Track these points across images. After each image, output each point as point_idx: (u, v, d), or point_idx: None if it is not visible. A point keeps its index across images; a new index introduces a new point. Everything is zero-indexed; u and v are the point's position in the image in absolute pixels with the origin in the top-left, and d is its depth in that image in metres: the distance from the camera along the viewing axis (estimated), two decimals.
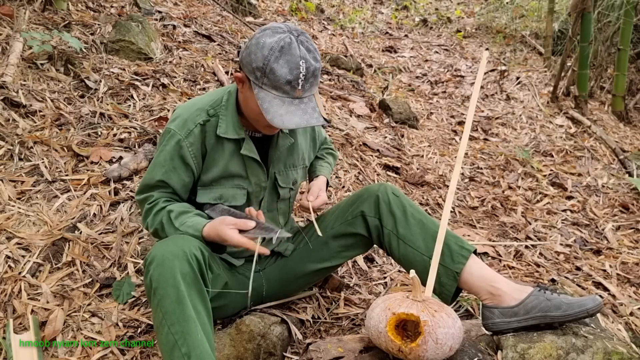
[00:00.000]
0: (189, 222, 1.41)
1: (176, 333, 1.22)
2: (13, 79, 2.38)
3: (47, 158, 2.13)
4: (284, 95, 1.32)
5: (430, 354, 1.28)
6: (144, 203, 1.49)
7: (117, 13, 3.46)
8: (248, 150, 1.49)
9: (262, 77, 1.31)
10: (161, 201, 1.47)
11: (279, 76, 1.29)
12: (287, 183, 1.63)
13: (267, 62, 1.29)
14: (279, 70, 1.28)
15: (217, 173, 1.51)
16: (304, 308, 1.80)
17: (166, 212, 1.43)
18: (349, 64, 4.52)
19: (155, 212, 1.45)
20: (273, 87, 1.31)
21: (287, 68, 1.28)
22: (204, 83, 3.06)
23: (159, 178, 1.46)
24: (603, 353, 1.33)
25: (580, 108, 4.45)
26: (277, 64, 1.28)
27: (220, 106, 1.48)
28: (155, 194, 1.48)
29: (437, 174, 3.14)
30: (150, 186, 1.49)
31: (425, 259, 1.50)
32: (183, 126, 1.45)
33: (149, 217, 1.46)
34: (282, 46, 1.28)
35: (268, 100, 1.31)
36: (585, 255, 2.57)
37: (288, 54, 1.28)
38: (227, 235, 1.34)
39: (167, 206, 1.45)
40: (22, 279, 1.69)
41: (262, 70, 1.30)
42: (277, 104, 1.31)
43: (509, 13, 6.80)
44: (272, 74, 1.29)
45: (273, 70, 1.29)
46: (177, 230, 1.40)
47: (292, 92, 1.31)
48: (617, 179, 3.53)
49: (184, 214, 1.43)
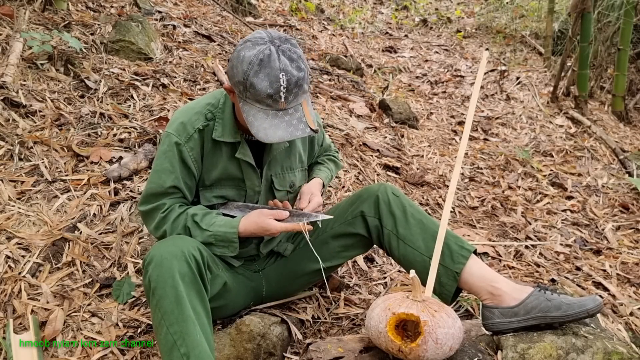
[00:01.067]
0: (218, 222, 1.43)
1: (175, 333, 1.22)
2: (13, 79, 2.38)
3: (47, 158, 2.13)
4: (267, 108, 1.31)
5: (430, 354, 1.28)
6: (155, 212, 1.46)
7: (117, 13, 3.46)
8: (243, 154, 1.49)
9: (244, 90, 1.31)
10: (177, 207, 1.46)
11: (259, 90, 1.28)
12: (284, 186, 1.62)
13: (247, 77, 1.28)
14: (259, 84, 1.27)
15: (217, 175, 1.51)
16: (304, 308, 1.80)
17: (189, 216, 1.43)
18: (349, 64, 4.52)
19: (174, 218, 1.44)
20: (256, 101, 1.30)
21: (267, 82, 1.27)
22: (204, 83, 3.06)
23: (170, 184, 1.44)
24: (603, 353, 1.33)
25: (580, 108, 4.45)
26: (257, 79, 1.27)
27: (218, 109, 1.48)
28: (167, 201, 1.46)
29: (437, 174, 3.14)
30: (159, 194, 1.46)
31: (425, 259, 1.50)
32: (183, 131, 1.45)
33: (166, 224, 1.44)
34: (261, 59, 1.27)
35: (252, 113, 1.31)
36: (585, 255, 2.57)
37: (268, 67, 1.26)
38: (270, 225, 1.39)
39: (187, 210, 1.45)
40: (22, 279, 1.69)
41: (243, 85, 1.30)
42: (261, 117, 1.31)
43: (509, 13, 6.80)
44: (253, 89, 1.28)
45: (253, 85, 1.28)
46: (206, 231, 1.41)
47: (275, 105, 1.30)
48: (617, 179, 3.53)
49: (208, 215, 1.44)
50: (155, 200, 1.46)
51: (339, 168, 1.87)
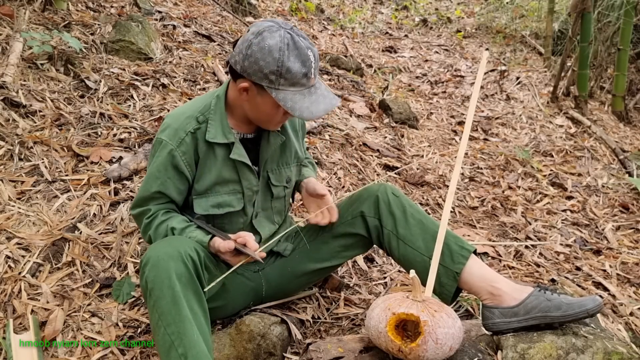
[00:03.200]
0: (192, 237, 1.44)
1: (172, 334, 1.22)
2: (13, 79, 2.38)
3: (47, 158, 2.13)
4: (302, 88, 1.36)
5: (430, 354, 1.28)
6: (141, 217, 1.49)
7: (117, 13, 3.46)
8: (237, 154, 1.49)
9: (277, 79, 1.33)
10: (160, 214, 1.47)
11: (295, 72, 1.32)
12: (281, 181, 1.62)
13: (282, 63, 1.31)
14: (294, 66, 1.32)
15: (211, 180, 1.50)
16: (304, 308, 1.80)
17: (169, 228, 1.45)
18: (349, 64, 4.52)
19: (156, 225, 1.46)
20: (291, 85, 1.34)
21: (300, 62, 1.32)
22: (204, 83, 3.06)
23: (155, 190, 1.46)
24: (603, 353, 1.33)
25: (580, 108, 4.45)
26: (290, 62, 1.31)
27: (209, 111, 1.48)
28: (152, 207, 1.48)
29: (437, 174, 3.14)
30: (146, 199, 1.48)
31: (425, 259, 1.50)
32: (174, 136, 1.45)
33: (150, 230, 1.46)
34: (288, 43, 1.31)
35: (290, 98, 1.35)
36: (585, 255, 2.57)
37: (296, 48, 1.32)
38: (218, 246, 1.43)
39: (167, 221, 1.46)
40: (22, 279, 1.69)
41: (277, 73, 1.32)
42: (300, 99, 1.35)
43: (509, 13, 6.80)
44: (289, 73, 1.32)
45: (289, 69, 1.32)
46: None
47: (308, 83, 1.36)
48: (617, 179, 3.53)
49: (185, 229, 1.46)
50: (142, 204, 1.49)
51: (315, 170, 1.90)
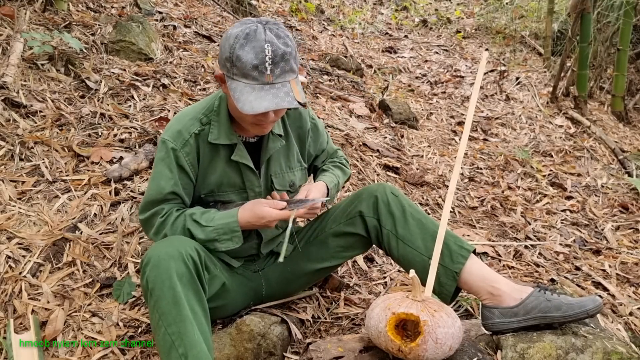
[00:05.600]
0: (217, 217, 1.43)
1: (173, 334, 1.22)
2: (14, 79, 2.38)
3: (48, 158, 2.13)
4: (254, 82, 1.29)
5: (430, 354, 1.28)
6: (153, 219, 1.46)
7: (118, 14, 3.47)
8: (239, 156, 1.49)
9: (231, 67, 1.31)
10: (174, 210, 1.46)
11: (245, 62, 1.27)
12: (284, 185, 1.62)
13: (233, 50, 1.28)
14: (245, 56, 1.27)
15: (217, 180, 1.51)
16: (304, 308, 1.80)
17: (187, 216, 1.43)
18: (349, 64, 4.52)
19: (172, 221, 1.44)
20: (242, 76, 1.30)
21: (253, 53, 1.27)
22: (204, 83, 3.07)
23: (170, 190, 1.45)
24: (602, 353, 1.33)
25: (580, 108, 4.45)
26: (243, 51, 1.27)
27: (212, 112, 1.48)
28: (165, 206, 1.46)
29: (437, 174, 3.15)
30: (158, 200, 1.46)
31: (425, 259, 1.50)
32: (178, 137, 1.45)
33: (165, 228, 1.44)
34: (248, 33, 1.28)
35: (239, 89, 1.30)
36: (585, 255, 2.57)
37: (253, 40, 1.27)
38: (265, 212, 1.39)
39: (184, 212, 1.45)
40: (23, 279, 1.70)
41: (230, 60, 1.30)
42: (247, 92, 1.30)
43: (508, 13, 6.80)
44: (239, 61, 1.28)
45: (239, 57, 1.28)
46: (207, 227, 1.41)
47: (262, 78, 1.29)
48: (617, 179, 3.54)
49: (206, 212, 1.44)
50: (153, 206, 1.46)
51: (347, 175, 1.81)
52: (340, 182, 1.74)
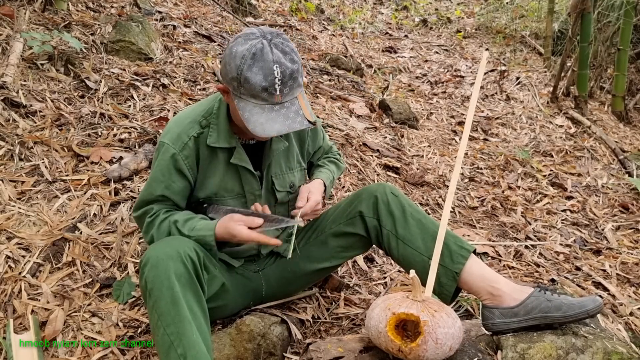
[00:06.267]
0: (198, 226, 1.42)
1: (172, 334, 1.22)
2: (13, 79, 2.38)
3: (48, 158, 2.13)
4: (263, 102, 1.30)
5: (430, 354, 1.28)
6: (143, 217, 1.49)
7: (117, 13, 3.46)
8: (238, 159, 1.49)
9: (238, 87, 1.30)
10: (162, 212, 1.47)
11: (254, 84, 1.27)
12: (285, 186, 1.62)
13: (241, 72, 1.27)
14: (253, 78, 1.27)
15: (216, 185, 1.51)
16: (304, 308, 1.80)
17: (172, 222, 1.44)
18: (349, 64, 4.52)
19: (158, 223, 1.45)
20: (251, 96, 1.29)
21: (262, 75, 1.26)
22: (204, 83, 3.06)
23: (159, 193, 1.46)
24: (603, 353, 1.33)
25: (580, 108, 4.45)
26: (251, 72, 1.27)
27: (212, 115, 1.48)
28: (154, 207, 1.48)
29: (437, 174, 3.14)
30: (149, 201, 1.48)
31: (425, 259, 1.50)
32: (177, 140, 1.45)
33: (152, 229, 1.46)
34: (254, 53, 1.27)
35: (248, 109, 1.30)
36: (585, 255, 2.57)
37: (260, 60, 1.26)
38: (236, 230, 1.36)
39: (170, 216, 1.46)
40: (23, 279, 1.70)
41: (237, 80, 1.29)
42: (257, 112, 1.30)
43: (508, 13, 6.80)
44: (247, 83, 1.27)
45: (247, 79, 1.27)
46: (188, 237, 1.40)
47: (271, 99, 1.29)
48: (617, 179, 3.53)
49: (190, 220, 1.44)
50: (144, 206, 1.49)
51: (341, 170, 1.85)
52: (335, 177, 1.78)
